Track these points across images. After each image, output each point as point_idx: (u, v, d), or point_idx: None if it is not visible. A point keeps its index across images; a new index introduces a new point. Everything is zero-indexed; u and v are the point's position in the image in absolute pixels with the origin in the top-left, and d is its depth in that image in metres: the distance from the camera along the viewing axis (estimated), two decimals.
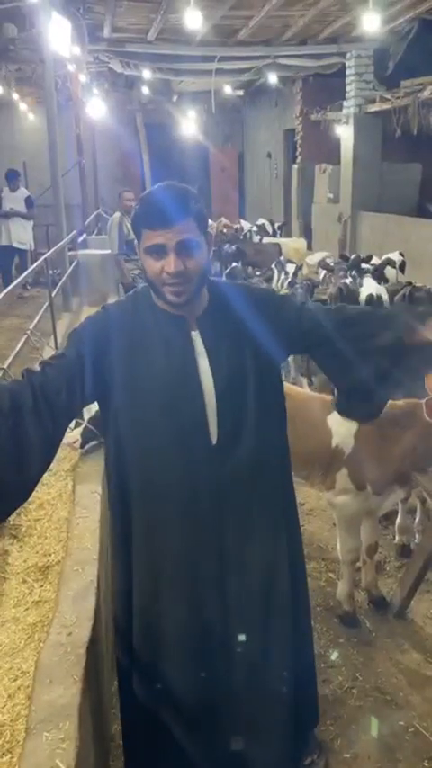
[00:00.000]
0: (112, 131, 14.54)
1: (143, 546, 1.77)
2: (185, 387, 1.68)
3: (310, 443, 2.86)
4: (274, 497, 1.84)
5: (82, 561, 2.41)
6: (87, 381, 1.68)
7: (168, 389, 1.68)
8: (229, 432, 1.71)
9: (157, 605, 1.78)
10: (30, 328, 4.57)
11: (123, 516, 1.80)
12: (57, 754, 1.60)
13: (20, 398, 1.60)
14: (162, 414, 1.68)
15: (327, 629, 2.96)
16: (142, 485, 1.74)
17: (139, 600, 1.80)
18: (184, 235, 1.60)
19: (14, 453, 1.59)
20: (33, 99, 13.71)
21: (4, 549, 2.72)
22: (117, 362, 1.69)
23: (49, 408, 1.62)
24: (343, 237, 11.25)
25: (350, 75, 10.76)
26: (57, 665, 1.91)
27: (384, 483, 2.77)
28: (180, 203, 1.61)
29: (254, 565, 1.78)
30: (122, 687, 1.94)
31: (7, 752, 1.74)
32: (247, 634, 1.79)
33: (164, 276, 1.61)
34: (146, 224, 1.62)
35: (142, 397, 1.68)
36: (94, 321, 1.77)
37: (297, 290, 6.11)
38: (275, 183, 15.49)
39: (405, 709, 2.55)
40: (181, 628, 1.78)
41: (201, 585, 1.76)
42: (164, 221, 1.59)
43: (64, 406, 1.66)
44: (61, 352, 1.77)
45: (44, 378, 1.65)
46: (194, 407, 1.68)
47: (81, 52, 9.24)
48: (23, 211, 9.58)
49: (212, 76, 11.13)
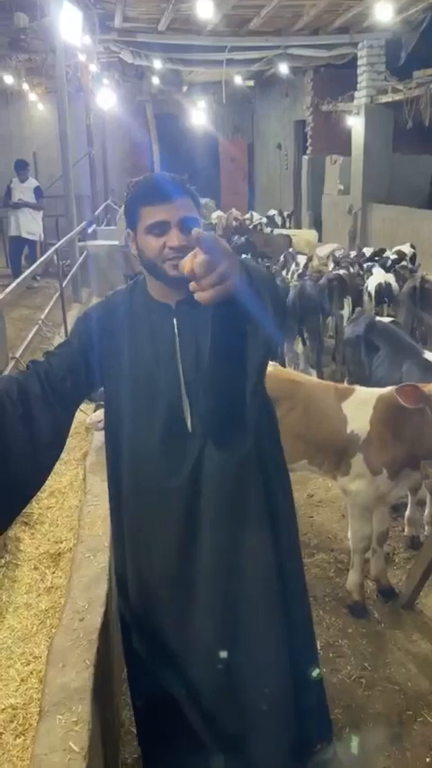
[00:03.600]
0: (122, 122, 14.49)
1: (131, 532, 1.81)
2: (165, 374, 1.70)
3: (324, 430, 2.87)
4: (254, 486, 1.78)
5: (93, 548, 2.43)
6: (89, 368, 1.73)
7: (151, 376, 1.70)
8: (201, 419, 1.70)
9: (147, 592, 1.81)
10: (41, 318, 4.58)
11: (117, 499, 1.84)
12: (70, 737, 1.62)
13: (27, 388, 1.64)
14: (145, 400, 1.71)
15: (336, 619, 2.97)
16: (129, 472, 1.78)
17: (132, 582, 1.84)
18: (185, 212, 1.61)
19: (27, 441, 1.62)
20: (43, 89, 13.69)
21: (16, 537, 2.75)
22: (112, 350, 1.73)
23: (56, 396, 1.67)
24: (353, 229, 11.19)
25: (362, 65, 10.67)
26: (69, 650, 1.93)
27: (398, 467, 2.79)
28: (176, 182, 1.64)
29: (228, 556, 1.76)
30: (129, 671, 1.96)
31: (20, 734, 1.77)
32: (225, 626, 1.78)
33: (165, 252, 1.60)
34: (145, 200, 1.62)
35: (129, 383, 1.72)
36: (95, 310, 1.83)
37: (306, 281, 6.10)
38: (285, 175, 15.40)
39: (413, 698, 2.55)
40: (171, 615, 1.80)
41: (177, 582, 1.77)
42: (164, 196, 1.60)
43: (70, 392, 1.70)
44: (65, 341, 1.83)
45: (48, 367, 1.70)
46: (172, 395, 1.70)
47: (92, 42, 9.22)
48: (33, 202, 9.58)
49: (223, 67, 11.08)
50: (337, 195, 12.12)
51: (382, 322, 4.15)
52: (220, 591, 1.76)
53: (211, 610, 1.76)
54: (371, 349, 3.97)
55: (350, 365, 4.43)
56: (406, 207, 10.20)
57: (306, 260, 7.14)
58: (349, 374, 4.47)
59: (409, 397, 2.59)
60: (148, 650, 1.84)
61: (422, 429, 2.69)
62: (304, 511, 3.85)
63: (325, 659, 2.73)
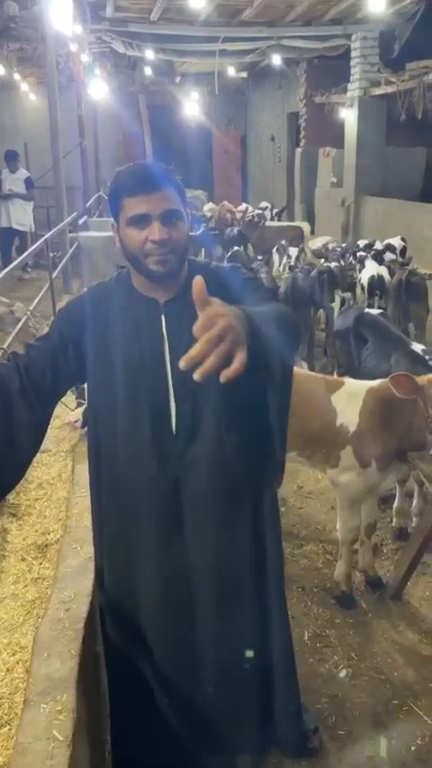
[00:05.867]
0: (114, 113, 14.39)
1: (108, 529, 1.82)
2: (150, 372, 1.66)
3: (313, 423, 2.87)
4: (238, 490, 1.76)
5: (80, 539, 2.43)
6: (69, 362, 1.69)
7: (134, 374, 1.66)
8: (188, 421, 1.67)
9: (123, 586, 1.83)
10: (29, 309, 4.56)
11: (97, 494, 1.83)
12: (54, 725, 1.63)
13: (6, 381, 1.62)
14: (128, 397, 1.67)
15: (323, 609, 2.98)
16: (109, 470, 1.76)
17: (108, 575, 1.86)
18: (168, 204, 1.56)
19: (5, 435, 1.61)
20: (35, 79, 13.57)
21: (4, 528, 2.75)
22: (93, 343, 1.69)
23: (35, 389, 1.64)
24: (346, 222, 11.18)
25: (355, 57, 10.63)
26: (55, 640, 1.94)
27: (387, 459, 2.79)
28: (160, 172, 1.58)
29: (208, 554, 1.76)
30: (107, 654, 1.98)
31: (6, 723, 1.77)
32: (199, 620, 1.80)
33: (148, 246, 1.56)
34: (127, 191, 1.57)
35: (111, 379, 1.68)
36: (76, 302, 1.79)
37: (297, 273, 6.10)
38: (278, 167, 15.37)
39: (399, 687, 2.57)
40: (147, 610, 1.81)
41: (155, 579, 1.78)
42: (146, 186, 1.55)
43: (49, 386, 1.67)
44: (45, 333, 1.79)
45: (28, 359, 1.67)
46: (158, 394, 1.66)
47: (83, 31, 9.14)
48: (23, 193, 9.51)
49: (216, 58, 11.01)
50: (330, 188, 12.11)
51: (371, 314, 4.15)
52: (197, 586, 1.77)
53: (186, 606, 1.78)
54: (360, 341, 3.98)
55: (340, 357, 4.44)
56: (399, 199, 10.20)
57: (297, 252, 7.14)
58: (339, 366, 4.47)
59: (403, 386, 2.58)
60: (125, 642, 1.86)
61: (412, 421, 2.70)
62: (293, 502, 3.87)
63: (312, 649, 2.75)
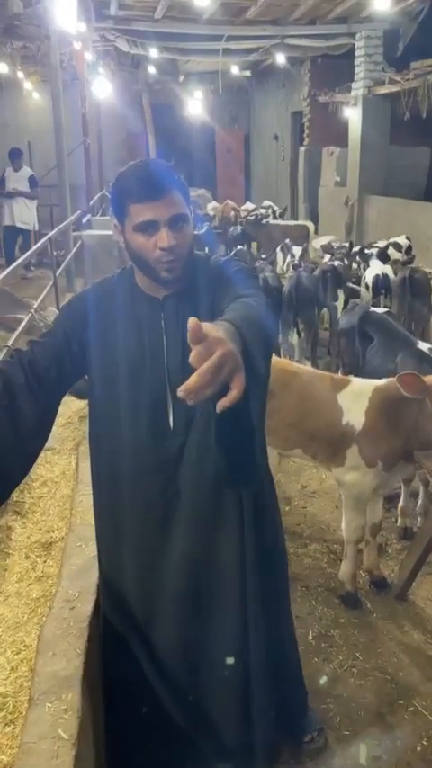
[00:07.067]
0: (118, 111, 14.37)
1: (104, 523, 1.85)
2: (150, 369, 1.67)
3: (319, 421, 2.86)
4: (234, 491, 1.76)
5: (85, 537, 2.42)
6: (74, 356, 1.71)
7: (136, 370, 1.68)
8: (183, 418, 1.68)
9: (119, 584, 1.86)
10: (34, 306, 4.56)
11: (97, 489, 1.85)
12: (59, 724, 1.62)
13: (12, 377, 1.63)
14: (128, 393, 1.69)
15: (328, 609, 2.97)
16: (108, 465, 1.78)
17: (105, 567, 1.90)
18: (175, 209, 1.56)
19: (11, 431, 1.62)
20: (38, 77, 13.55)
21: (8, 526, 2.74)
22: (95, 340, 1.70)
23: (40, 385, 1.65)
24: (350, 221, 11.15)
25: (359, 56, 10.59)
26: (60, 639, 1.93)
27: (393, 459, 2.78)
28: (165, 175, 1.57)
29: (201, 551, 1.76)
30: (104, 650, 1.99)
31: (10, 722, 1.76)
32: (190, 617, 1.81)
33: (158, 254, 1.56)
34: (133, 197, 1.55)
35: (112, 375, 1.70)
36: (79, 299, 1.80)
37: (301, 272, 6.09)
38: (282, 166, 15.34)
39: (405, 688, 2.56)
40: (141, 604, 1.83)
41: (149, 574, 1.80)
42: (153, 193, 1.54)
43: (54, 381, 1.69)
44: (49, 329, 1.80)
45: (33, 356, 1.68)
46: (156, 392, 1.68)
47: (87, 30, 9.13)
48: (27, 191, 9.50)
49: (220, 56, 10.99)
50: (334, 187, 12.08)
51: (377, 312, 4.14)
52: (189, 583, 1.77)
53: (179, 603, 1.78)
54: (365, 339, 3.96)
55: (344, 355, 4.42)
56: (402, 199, 10.17)
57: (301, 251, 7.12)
58: (343, 365, 4.46)
59: (411, 386, 2.56)
60: (121, 638, 1.87)
61: (418, 421, 2.68)
62: (298, 501, 3.85)
63: (317, 649, 2.74)
